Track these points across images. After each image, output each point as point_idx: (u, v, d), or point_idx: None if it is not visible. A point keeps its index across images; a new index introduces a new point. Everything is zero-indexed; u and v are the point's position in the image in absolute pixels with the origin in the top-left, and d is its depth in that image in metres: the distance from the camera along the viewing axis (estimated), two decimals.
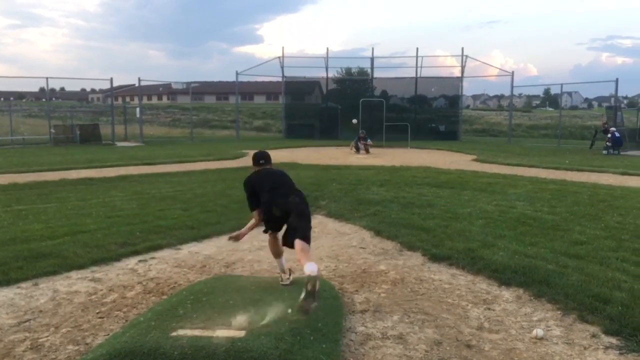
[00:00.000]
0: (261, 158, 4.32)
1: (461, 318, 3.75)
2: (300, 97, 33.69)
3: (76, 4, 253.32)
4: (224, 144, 23.67)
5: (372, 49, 63.47)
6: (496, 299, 4.14)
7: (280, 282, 4.12)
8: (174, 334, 2.95)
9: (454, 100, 30.26)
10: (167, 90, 59.74)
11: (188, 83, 30.17)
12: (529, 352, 3.23)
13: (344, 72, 32.34)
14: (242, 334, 2.94)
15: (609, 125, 20.74)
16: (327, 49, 29.55)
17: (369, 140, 19.80)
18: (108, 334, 3.38)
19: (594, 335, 3.43)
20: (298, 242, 3.59)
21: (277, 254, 4.19)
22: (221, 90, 60.30)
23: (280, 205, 3.92)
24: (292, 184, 4.19)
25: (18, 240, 5.57)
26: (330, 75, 30.21)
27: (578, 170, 13.15)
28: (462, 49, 39.49)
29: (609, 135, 19.32)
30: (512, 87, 27.81)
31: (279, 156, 15.28)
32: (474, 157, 16.97)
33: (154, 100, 63.90)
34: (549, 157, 16.90)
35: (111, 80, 25.31)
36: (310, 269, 3.25)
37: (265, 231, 4.14)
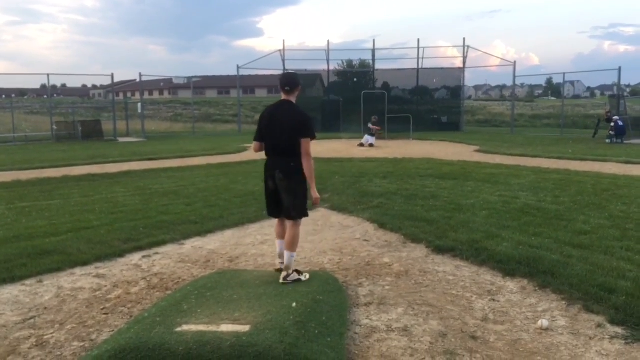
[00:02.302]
0: (286, 84, 3.91)
1: (466, 309, 3.75)
2: (301, 90, 33.53)
3: None
4: (226, 138, 23.66)
5: (373, 40, 62.82)
6: (501, 290, 4.13)
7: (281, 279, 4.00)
8: (179, 329, 2.95)
9: (456, 91, 30.15)
10: (168, 85, 59.71)
11: (189, 77, 30.05)
12: (534, 342, 3.22)
13: (345, 64, 32.20)
14: (247, 328, 2.94)
15: (612, 114, 20.61)
16: (328, 41, 29.34)
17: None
18: (113, 330, 3.39)
19: (599, 325, 3.42)
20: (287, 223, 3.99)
21: (280, 235, 4.15)
22: (222, 84, 60.29)
23: (269, 179, 3.95)
24: (290, 136, 3.75)
25: (22, 238, 5.59)
26: (332, 67, 30.14)
27: (581, 159, 13.11)
28: (464, 39, 39.25)
29: (612, 124, 19.22)
30: (514, 77, 27.72)
31: None
32: (477, 148, 16.93)
33: (156, 95, 63.96)
34: (552, 147, 16.84)
35: (112, 76, 25.34)
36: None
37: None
